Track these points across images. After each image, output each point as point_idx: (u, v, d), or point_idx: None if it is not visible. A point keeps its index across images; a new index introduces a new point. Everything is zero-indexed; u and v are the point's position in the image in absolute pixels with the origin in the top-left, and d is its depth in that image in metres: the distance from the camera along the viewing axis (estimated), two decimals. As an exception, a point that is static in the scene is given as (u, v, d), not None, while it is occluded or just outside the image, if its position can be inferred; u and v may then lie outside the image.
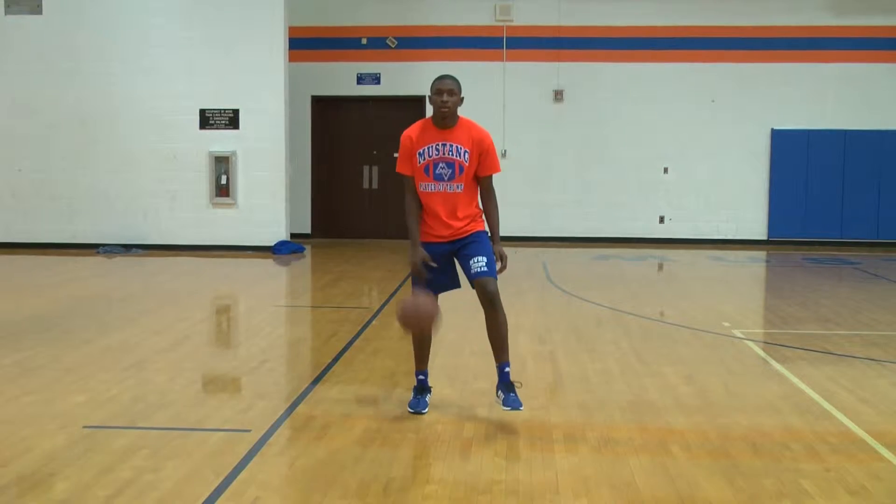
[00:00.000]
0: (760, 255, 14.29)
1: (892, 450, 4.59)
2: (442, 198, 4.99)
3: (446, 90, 4.90)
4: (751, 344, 7.25)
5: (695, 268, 12.77)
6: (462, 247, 5.04)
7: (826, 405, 5.40)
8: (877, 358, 6.73)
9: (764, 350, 7.08)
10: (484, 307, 4.98)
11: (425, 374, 5.22)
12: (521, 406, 4.88)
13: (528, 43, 15.32)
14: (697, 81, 15.23)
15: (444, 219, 5.01)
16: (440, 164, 4.95)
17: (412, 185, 5.05)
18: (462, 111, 5.06)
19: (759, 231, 15.38)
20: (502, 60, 15.32)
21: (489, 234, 5.10)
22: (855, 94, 15.10)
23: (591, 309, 8.82)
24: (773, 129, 15.21)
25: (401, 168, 5.04)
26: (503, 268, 5.00)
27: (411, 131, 5.02)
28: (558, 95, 15.38)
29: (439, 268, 5.04)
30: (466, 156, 4.94)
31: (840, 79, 15.11)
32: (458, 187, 4.97)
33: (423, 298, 4.89)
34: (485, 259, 4.95)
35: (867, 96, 15.08)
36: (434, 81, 4.96)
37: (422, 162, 4.97)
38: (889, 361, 6.62)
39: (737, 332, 7.64)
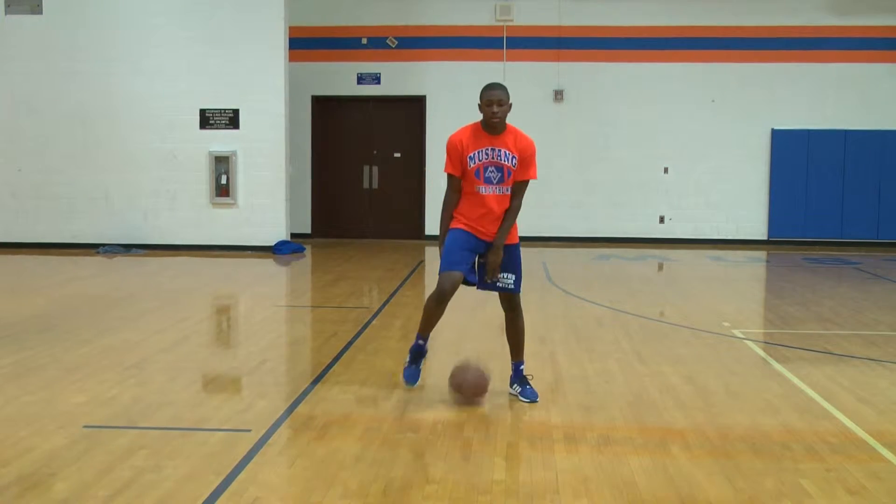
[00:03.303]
0: (760, 255, 14.29)
1: (892, 450, 4.59)
2: (495, 199, 5.25)
3: (496, 101, 5.17)
4: (751, 344, 7.26)
5: (695, 268, 12.77)
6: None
7: (826, 405, 5.41)
8: (877, 358, 6.73)
9: (764, 350, 7.08)
10: (506, 313, 5.50)
11: (425, 340, 5.48)
12: (537, 398, 5.39)
13: (528, 43, 15.32)
14: (697, 81, 15.24)
15: (497, 216, 5.26)
16: (490, 168, 5.22)
17: (455, 185, 5.31)
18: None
19: (759, 231, 15.38)
20: (502, 60, 15.31)
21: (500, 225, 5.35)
22: (855, 94, 15.10)
23: (591, 309, 8.82)
24: (773, 129, 15.22)
25: (448, 168, 5.29)
26: (489, 271, 5.29)
27: (461, 135, 5.27)
28: (558, 95, 15.38)
29: (469, 258, 5.32)
30: (514, 161, 5.22)
31: (840, 79, 15.11)
32: (506, 190, 5.27)
33: (477, 375, 5.24)
34: (513, 277, 5.35)
35: (867, 96, 15.08)
36: (484, 91, 5.22)
37: (472, 165, 5.22)
38: (889, 361, 6.62)
39: (737, 332, 7.64)
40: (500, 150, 5.21)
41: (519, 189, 5.31)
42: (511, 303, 5.44)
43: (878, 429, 4.95)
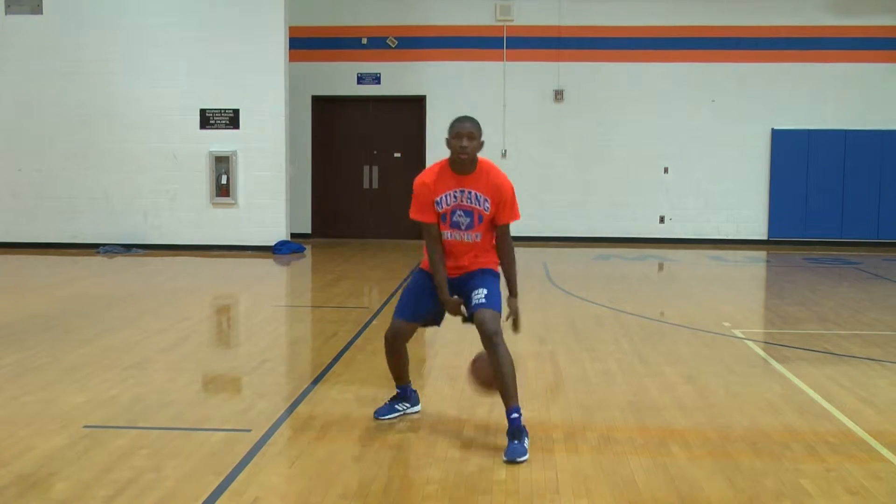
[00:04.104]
0: (760, 255, 14.29)
1: (892, 450, 4.59)
2: (461, 247, 4.68)
3: (466, 134, 4.52)
4: (751, 344, 7.25)
5: (695, 268, 12.77)
6: (467, 280, 4.73)
7: (826, 405, 5.40)
8: (877, 358, 6.73)
9: (764, 350, 7.08)
10: (484, 346, 4.57)
11: (403, 388, 5.05)
12: (522, 457, 4.33)
13: (528, 43, 15.32)
14: (697, 81, 15.23)
15: (460, 263, 4.72)
16: (458, 212, 4.61)
17: (431, 231, 4.69)
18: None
19: (759, 231, 15.38)
20: (502, 60, 15.31)
21: (505, 280, 4.80)
22: (855, 94, 15.09)
23: (592, 309, 8.82)
24: (773, 129, 15.21)
25: (414, 215, 4.70)
26: (515, 325, 4.73)
27: (426, 176, 4.68)
28: (558, 95, 15.37)
29: (430, 297, 4.79)
30: (487, 204, 4.59)
31: (840, 79, 15.10)
32: (476, 237, 4.66)
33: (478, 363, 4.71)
34: (485, 291, 4.60)
35: (867, 96, 15.08)
36: (453, 124, 4.60)
37: (440, 210, 4.63)
38: (889, 361, 6.62)
39: (737, 332, 7.64)
40: (470, 192, 4.57)
41: (503, 234, 4.70)
42: (487, 331, 4.48)
43: (879, 429, 4.95)
